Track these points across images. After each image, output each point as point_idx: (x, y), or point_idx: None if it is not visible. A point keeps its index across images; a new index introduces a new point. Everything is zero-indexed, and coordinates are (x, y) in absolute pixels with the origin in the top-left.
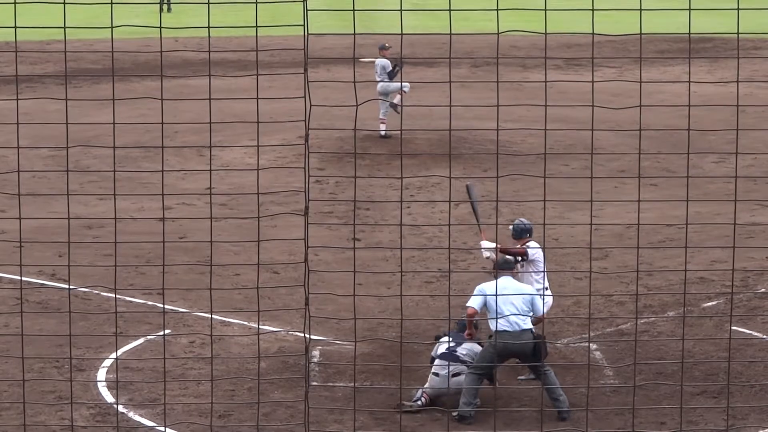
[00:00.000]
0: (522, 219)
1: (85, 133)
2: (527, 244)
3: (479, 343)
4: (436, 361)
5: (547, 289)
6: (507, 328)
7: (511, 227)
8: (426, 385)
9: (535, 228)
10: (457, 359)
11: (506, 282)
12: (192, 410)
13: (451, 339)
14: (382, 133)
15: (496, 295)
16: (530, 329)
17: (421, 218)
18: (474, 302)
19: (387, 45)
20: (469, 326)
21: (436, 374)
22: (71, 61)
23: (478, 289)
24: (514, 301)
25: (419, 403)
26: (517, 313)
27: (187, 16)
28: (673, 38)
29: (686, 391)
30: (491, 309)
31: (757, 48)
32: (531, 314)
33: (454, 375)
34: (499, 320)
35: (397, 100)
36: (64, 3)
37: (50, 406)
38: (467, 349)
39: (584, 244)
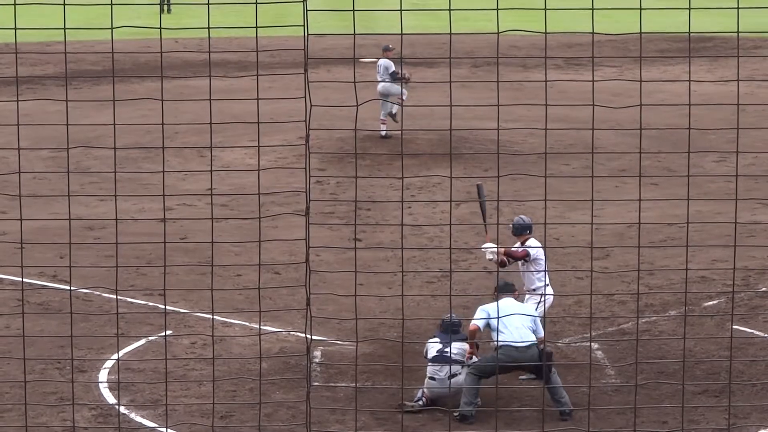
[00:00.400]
0: (522, 216)
1: (85, 134)
2: (528, 242)
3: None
4: (429, 365)
5: (547, 286)
6: (512, 343)
7: (510, 225)
8: (424, 388)
9: (537, 228)
10: (449, 360)
11: (508, 303)
12: (194, 411)
13: (439, 341)
14: (383, 133)
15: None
16: (535, 344)
17: (422, 218)
18: (477, 321)
19: (390, 46)
20: (471, 345)
21: (433, 378)
22: (71, 63)
23: (480, 309)
24: (517, 320)
25: (420, 403)
26: (522, 329)
27: (187, 17)
28: (674, 37)
29: (688, 390)
30: (494, 328)
31: (757, 47)
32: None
33: (451, 376)
34: (504, 335)
35: (395, 109)
36: (64, 4)
37: (52, 407)
38: (458, 348)
39: (585, 243)
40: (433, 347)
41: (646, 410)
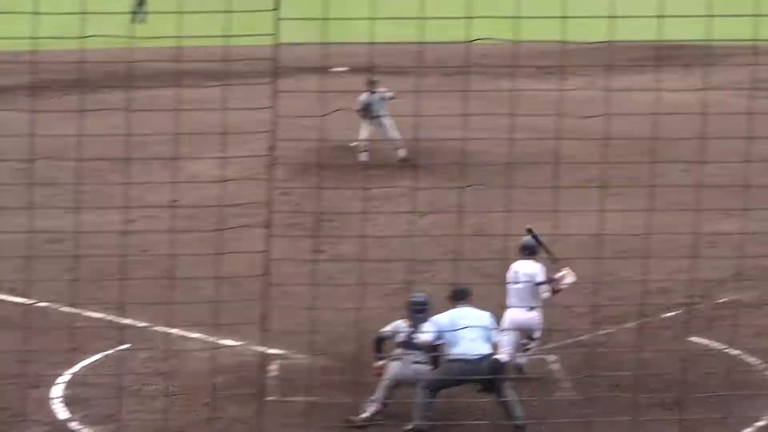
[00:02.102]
0: (526, 238)
1: (54, 145)
2: (533, 261)
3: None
4: (396, 349)
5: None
6: (464, 356)
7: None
8: (387, 374)
9: (500, 239)
10: (416, 347)
11: (463, 312)
12: (147, 427)
13: (407, 325)
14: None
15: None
16: (490, 354)
17: (387, 229)
18: (427, 335)
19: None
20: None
21: (398, 359)
22: (43, 72)
23: (432, 320)
24: (471, 331)
25: (365, 415)
26: (476, 340)
27: (163, 27)
28: (646, 46)
29: (642, 403)
30: (447, 339)
31: (728, 55)
32: (490, 341)
33: (415, 362)
34: (457, 347)
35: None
36: (37, 14)
37: (3, 423)
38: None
39: None
40: (401, 333)
41: (602, 423)
